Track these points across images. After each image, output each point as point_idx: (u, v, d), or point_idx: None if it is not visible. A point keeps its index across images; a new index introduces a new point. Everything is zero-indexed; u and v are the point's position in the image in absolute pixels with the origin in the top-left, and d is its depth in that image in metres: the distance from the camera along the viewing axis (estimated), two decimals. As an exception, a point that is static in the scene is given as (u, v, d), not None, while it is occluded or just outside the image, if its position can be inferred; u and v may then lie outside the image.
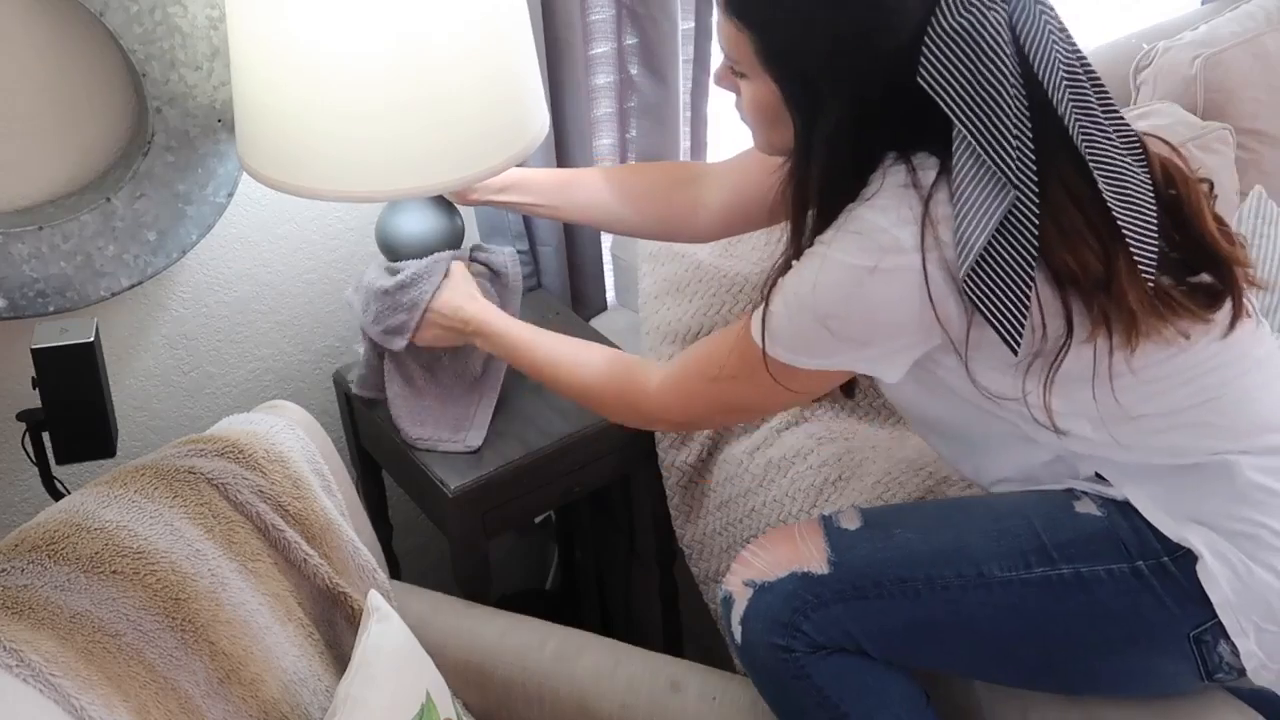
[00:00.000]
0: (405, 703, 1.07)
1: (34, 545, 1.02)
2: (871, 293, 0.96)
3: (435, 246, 1.36)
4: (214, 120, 1.32)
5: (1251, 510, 1.01)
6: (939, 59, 0.92)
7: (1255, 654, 1.00)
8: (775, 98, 1.01)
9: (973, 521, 1.10)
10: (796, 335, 1.02)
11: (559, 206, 1.40)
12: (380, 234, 1.37)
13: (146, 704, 0.97)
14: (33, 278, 1.28)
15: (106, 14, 1.21)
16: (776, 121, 1.03)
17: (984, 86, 0.92)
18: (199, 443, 1.17)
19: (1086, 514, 1.05)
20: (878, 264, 0.95)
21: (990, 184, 0.93)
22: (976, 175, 0.93)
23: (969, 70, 0.92)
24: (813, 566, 1.09)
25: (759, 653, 1.09)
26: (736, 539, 1.41)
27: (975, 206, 0.93)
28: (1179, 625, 1.02)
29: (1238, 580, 0.99)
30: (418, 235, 1.35)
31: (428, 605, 1.34)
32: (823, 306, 0.99)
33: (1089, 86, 0.97)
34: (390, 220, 1.36)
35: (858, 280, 0.96)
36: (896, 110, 0.96)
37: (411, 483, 1.47)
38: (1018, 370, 0.99)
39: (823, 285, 0.98)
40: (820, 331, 1.00)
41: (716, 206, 1.34)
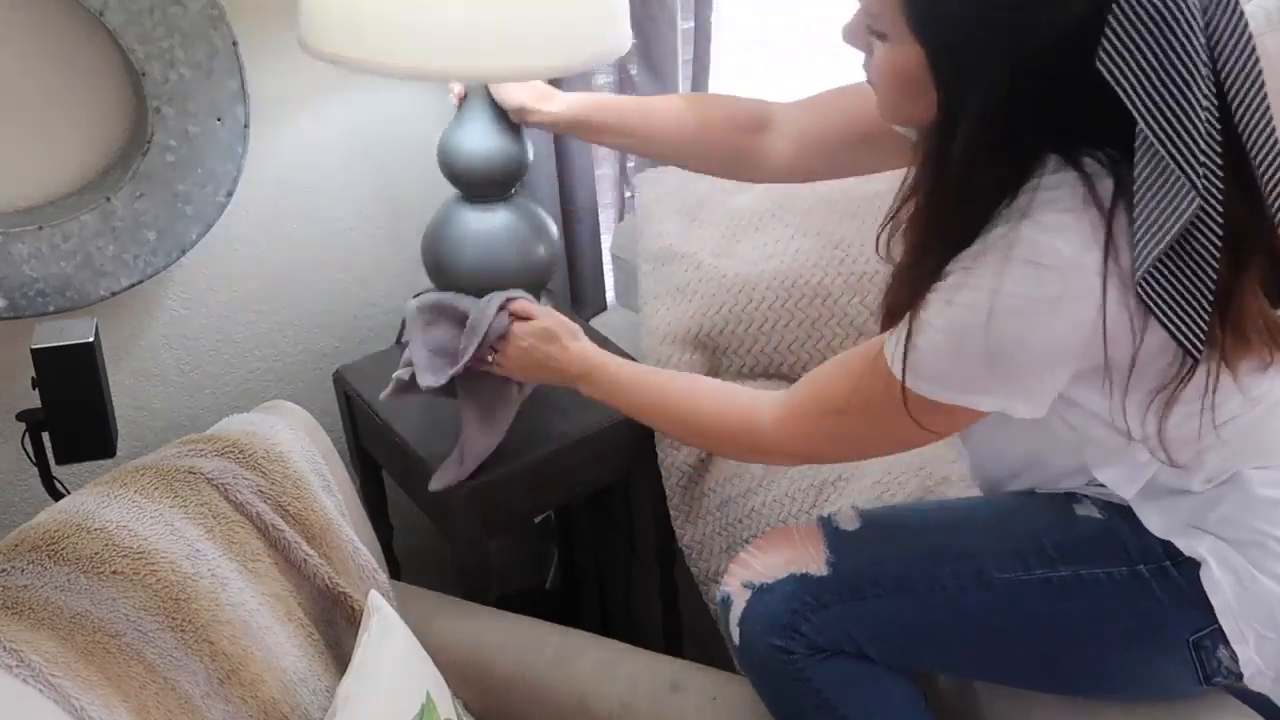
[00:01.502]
0: (405, 703, 1.07)
1: (34, 545, 1.02)
2: (1052, 325, 0.87)
3: (497, 170, 1.30)
4: (213, 120, 1.32)
5: (1259, 521, 1.00)
6: (1124, 42, 0.80)
7: (1254, 660, 1.00)
8: (919, 66, 0.88)
9: (972, 522, 1.10)
10: (951, 372, 0.91)
11: (632, 135, 1.32)
12: (442, 153, 1.31)
13: (146, 704, 0.97)
14: (33, 278, 1.28)
15: (106, 14, 1.21)
16: (916, 92, 0.90)
17: (1174, 80, 0.80)
18: (199, 443, 1.17)
19: (1087, 516, 1.05)
20: (1064, 293, 0.85)
21: (1175, 190, 0.82)
22: (1159, 181, 0.82)
23: (1156, 58, 0.80)
24: (811, 568, 1.08)
25: (758, 654, 1.09)
26: (736, 539, 1.40)
27: (1156, 211, 0.83)
28: (1178, 629, 1.01)
29: (1241, 587, 0.99)
30: (481, 155, 1.29)
31: (428, 605, 1.34)
32: (994, 344, 0.88)
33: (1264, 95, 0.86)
34: (454, 138, 1.30)
35: (1039, 313, 0.86)
36: (1061, 97, 0.84)
37: (411, 482, 1.47)
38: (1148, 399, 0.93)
39: (998, 322, 0.87)
40: (981, 369, 0.90)
41: (784, 153, 1.26)
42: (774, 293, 1.47)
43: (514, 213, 1.34)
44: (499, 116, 1.30)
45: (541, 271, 1.36)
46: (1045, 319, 0.86)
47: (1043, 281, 0.85)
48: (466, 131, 1.30)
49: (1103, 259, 0.84)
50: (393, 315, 1.69)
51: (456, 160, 1.30)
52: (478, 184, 1.32)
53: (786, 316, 1.47)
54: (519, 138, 1.32)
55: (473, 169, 1.30)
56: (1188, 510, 1.02)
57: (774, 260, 1.49)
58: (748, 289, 1.48)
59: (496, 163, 1.30)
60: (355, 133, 1.54)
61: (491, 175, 1.30)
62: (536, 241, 1.35)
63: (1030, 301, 0.86)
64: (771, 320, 1.47)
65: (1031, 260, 0.85)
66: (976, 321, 0.87)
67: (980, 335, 0.88)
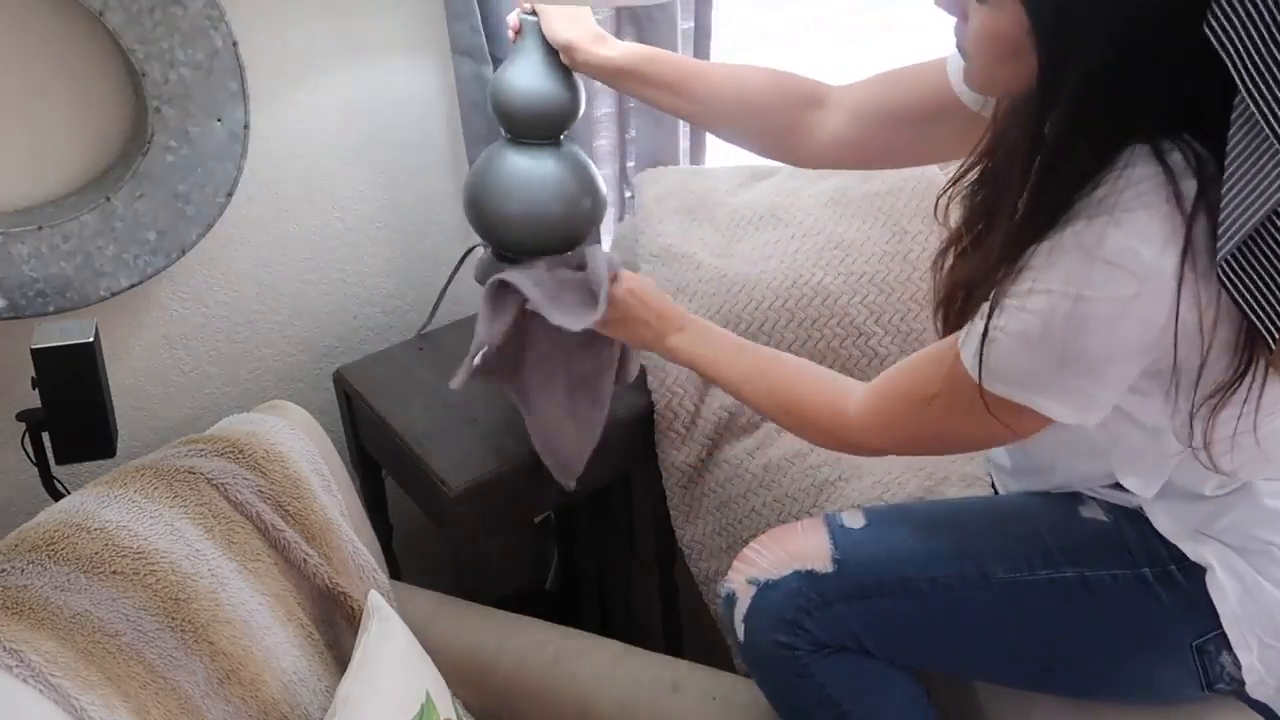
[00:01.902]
0: (405, 703, 1.07)
1: (34, 545, 1.02)
2: (1123, 327, 0.85)
3: (549, 112, 1.27)
4: (214, 120, 1.32)
5: (1266, 531, 1.00)
6: (1236, 8, 0.77)
7: (1256, 668, 1.00)
8: (1020, 30, 0.84)
9: (977, 523, 1.10)
10: (1027, 373, 0.90)
11: (684, 93, 1.25)
12: (494, 93, 1.29)
13: (146, 704, 0.97)
14: (32, 278, 1.28)
15: (106, 13, 1.21)
16: (1012, 58, 0.86)
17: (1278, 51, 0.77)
18: (199, 443, 1.17)
19: (1092, 518, 1.05)
20: (1138, 293, 0.83)
21: (1270, 166, 0.79)
22: (1255, 156, 0.79)
23: (1265, 28, 0.77)
24: (816, 565, 1.08)
25: (762, 651, 1.09)
26: (736, 539, 1.40)
27: (1247, 189, 0.80)
28: (1182, 634, 1.01)
29: (1246, 594, 0.99)
30: (528, 92, 1.26)
31: (428, 605, 1.34)
32: (1069, 346, 0.87)
33: None
34: (504, 75, 1.28)
35: (1112, 315, 0.84)
36: (1164, 70, 0.81)
37: (411, 483, 1.47)
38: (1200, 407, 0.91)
39: (1073, 324, 0.86)
40: (1055, 370, 0.89)
41: (838, 129, 1.22)
42: (774, 293, 1.47)
43: (562, 160, 1.31)
44: (551, 57, 1.27)
45: (585, 222, 1.33)
46: (1118, 321, 0.85)
47: (1118, 283, 0.83)
48: (517, 69, 1.27)
49: (1179, 262, 0.82)
50: (392, 315, 1.69)
51: (504, 97, 1.28)
52: (524, 123, 1.28)
53: (787, 316, 1.47)
54: (570, 81, 1.29)
55: (520, 107, 1.27)
56: (1197, 516, 1.02)
57: (774, 260, 1.49)
58: (748, 289, 1.48)
59: (543, 102, 1.27)
60: (355, 133, 1.54)
61: (539, 115, 1.27)
62: (582, 192, 1.32)
63: (1104, 304, 0.84)
64: (771, 320, 1.47)
65: (1109, 262, 0.83)
66: (1052, 324, 0.86)
67: (1055, 337, 0.86)
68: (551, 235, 1.30)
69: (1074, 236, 0.85)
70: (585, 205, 1.31)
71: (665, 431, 1.45)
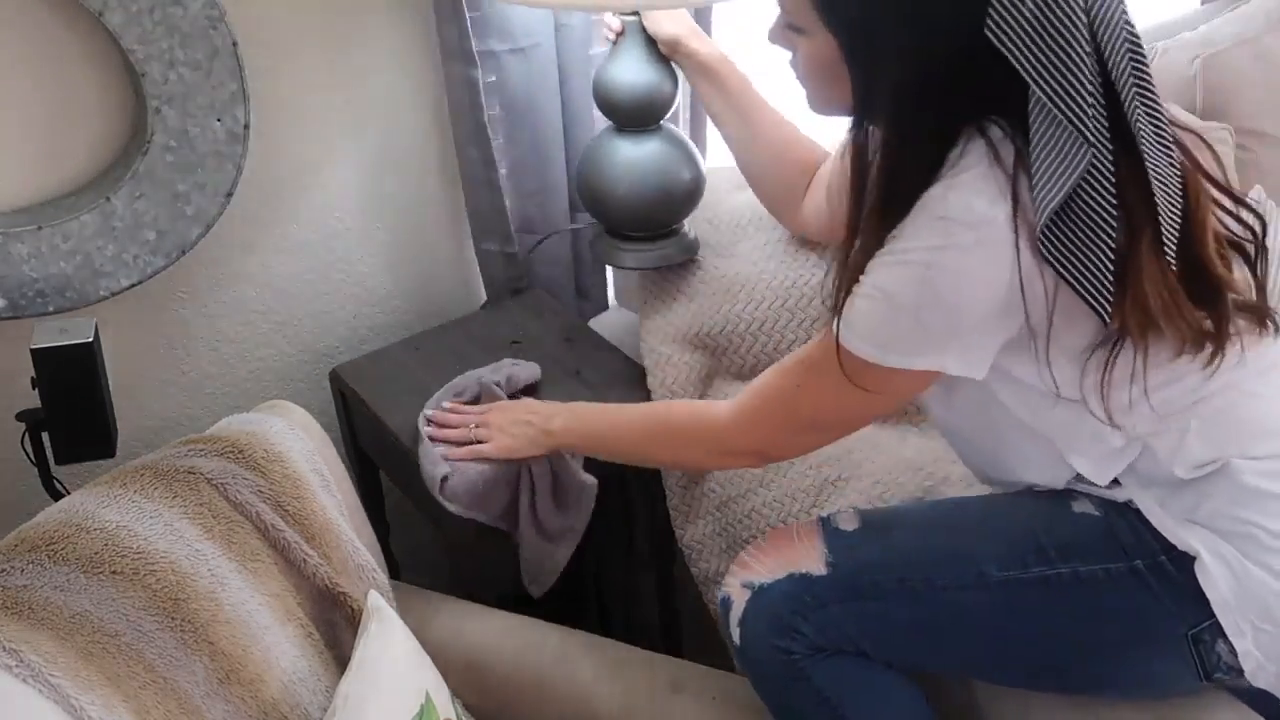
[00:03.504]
0: (405, 703, 1.07)
1: (34, 545, 1.02)
2: (967, 273, 0.92)
3: (653, 101, 1.41)
4: (213, 120, 1.32)
5: (1249, 512, 1.01)
6: (1007, 9, 0.87)
7: (1253, 654, 1.00)
8: (834, 53, 0.97)
9: (970, 522, 1.10)
10: (883, 329, 0.97)
11: (741, 107, 1.40)
12: (599, 85, 1.43)
13: (146, 704, 0.97)
14: (32, 278, 1.28)
15: (106, 14, 1.21)
16: (835, 79, 0.98)
17: (1056, 42, 0.88)
18: (199, 443, 1.17)
19: (1084, 514, 1.05)
20: (974, 240, 0.91)
21: (1069, 146, 0.88)
22: (1054, 138, 0.89)
23: (1040, 24, 0.87)
24: (811, 568, 1.08)
25: (758, 654, 1.09)
26: (736, 540, 1.40)
27: (1053, 167, 0.89)
28: (1176, 625, 1.02)
29: (1235, 580, 0.99)
30: (635, 85, 1.40)
31: (427, 605, 1.34)
32: (913, 298, 0.94)
33: (1146, 68, 0.93)
34: (610, 71, 1.41)
35: (955, 266, 0.92)
36: (965, 70, 0.91)
37: (410, 483, 1.47)
38: (1080, 362, 0.98)
39: (914, 278, 0.94)
40: (909, 329, 0.96)
41: (812, 208, 1.36)
42: (774, 292, 1.47)
43: (663, 141, 1.46)
44: (652, 50, 1.40)
45: (687, 195, 1.49)
46: (962, 272, 0.92)
47: (954, 234, 0.91)
48: (622, 64, 1.41)
49: (1011, 214, 0.90)
50: (392, 315, 1.69)
51: (613, 91, 1.42)
52: (631, 113, 1.43)
53: (787, 316, 1.47)
54: (669, 70, 1.42)
55: (627, 99, 1.41)
56: (1180, 502, 1.02)
57: (774, 260, 1.50)
58: (748, 289, 1.48)
59: (649, 92, 1.41)
60: (355, 133, 1.54)
61: (643, 105, 1.42)
62: (683, 168, 1.47)
63: (944, 254, 0.92)
64: (771, 320, 1.47)
65: (943, 216, 0.92)
66: (899, 279, 0.94)
67: (904, 292, 0.94)
68: (656, 210, 1.47)
69: (918, 207, 0.94)
70: (685, 178, 1.47)
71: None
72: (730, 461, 1.22)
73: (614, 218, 1.50)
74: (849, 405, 1.03)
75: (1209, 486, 1.02)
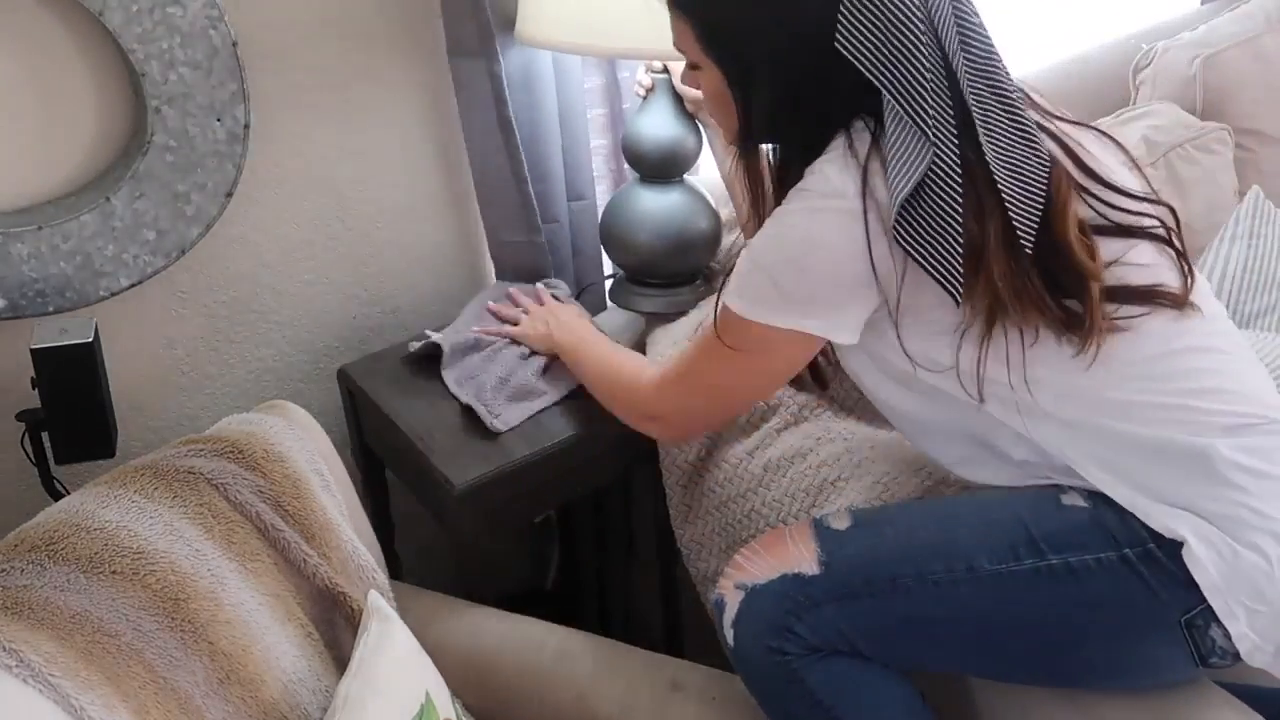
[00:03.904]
0: (405, 703, 1.07)
1: (34, 545, 1.02)
2: (815, 235, 1.02)
3: (679, 155, 1.51)
4: (213, 119, 1.32)
5: (1230, 491, 1.01)
6: (853, 23, 0.98)
7: (1247, 635, 1.00)
8: (723, 83, 1.09)
9: (961, 517, 1.10)
10: (750, 289, 1.07)
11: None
12: (628, 139, 1.53)
13: (146, 704, 0.97)
14: (32, 278, 1.28)
15: (106, 14, 1.21)
16: (728, 107, 1.10)
17: (899, 49, 0.98)
18: (198, 443, 1.17)
19: (1073, 506, 1.06)
20: (822, 206, 1.01)
21: (915, 141, 0.98)
22: (903, 134, 0.98)
23: (883, 33, 0.98)
24: (803, 568, 1.09)
25: (752, 656, 1.09)
26: (735, 540, 1.40)
27: (903, 160, 0.98)
28: (1169, 611, 1.02)
29: (1223, 563, 0.99)
30: (661, 139, 1.49)
31: (428, 605, 1.34)
32: (771, 256, 1.05)
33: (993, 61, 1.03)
34: (640, 125, 1.51)
35: (803, 223, 1.03)
36: (826, 81, 1.02)
37: (415, 480, 1.47)
38: (951, 342, 1.04)
39: (772, 236, 1.05)
40: (769, 286, 1.05)
41: None
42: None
43: (684, 194, 1.55)
44: (679, 107, 1.50)
45: (705, 246, 1.58)
46: (811, 234, 1.02)
47: (808, 200, 1.02)
48: (650, 119, 1.51)
49: (860, 189, 0.99)
50: (391, 315, 1.69)
51: (639, 143, 1.51)
52: (657, 165, 1.52)
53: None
54: (694, 127, 1.52)
55: (652, 151, 1.51)
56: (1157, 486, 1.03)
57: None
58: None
59: (673, 147, 1.51)
60: (355, 132, 1.54)
61: (670, 159, 1.51)
62: (701, 220, 1.55)
63: (796, 215, 1.03)
64: (771, 320, 1.47)
65: (802, 188, 1.03)
66: (761, 240, 1.06)
67: (764, 251, 1.05)
68: (673, 259, 1.55)
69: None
70: (703, 227, 1.55)
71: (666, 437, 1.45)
72: (648, 426, 1.28)
73: (634, 265, 1.59)
74: (736, 368, 1.11)
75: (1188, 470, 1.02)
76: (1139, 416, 1.04)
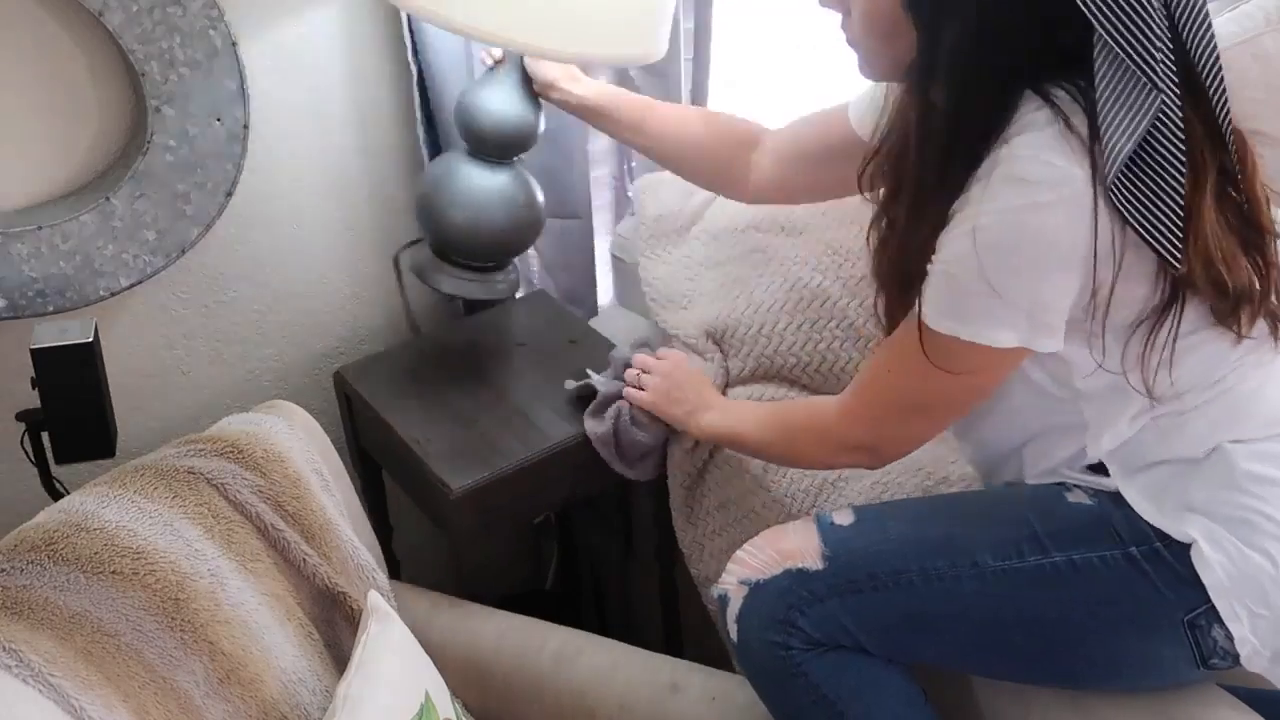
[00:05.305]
0: (405, 703, 1.07)
1: (34, 545, 1.02)
2: (1046, 234, 0.90)
3: (509, 131, 1.39)
4: (214, 120, 1.32)
5: (1246, 497, 1.01)
6: None
7: (1249, 639, 1.00)
8: (893, 7, 0.94)
9: (966, 513, 1.10)
10: (963, 301, 0.94)
11: (639, 132, 1.41)
12: (463, 109, 1.40)
13: (146, 704, 0.97)
14: (32, 278, 1.28)
15: (106, 13, 1.21)
16: (893, 36, 0.95)
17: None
18: (198, 443, 1.18)
19: (1078, 503, 1.06)
20: (1055, 200, 0.89)
21: (1136, 91, 0.87)
22: (1121, 84, 0.88)
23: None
24: (807, 562, 1.09)
25: (755, 651, 1.09)
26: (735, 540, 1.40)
27: (1122, 114, 0.88)
28: (1173, 610, 1.02)
29: (1231, 565, 0.99)
30: (503, 118, 1.38)
31: (427, 605, 1.34)
32: (996, 263, 0.91)
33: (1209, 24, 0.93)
34: (480, 98, 1.39)
35: (1033, 222, 0.90)
36: (1031, 18, 0.89)
37: (411, 483, 1.47)
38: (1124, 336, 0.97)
39: (994, 241, 0.90)
40: (989, 293, 0.92)
41: (766, 170, 1.35)
42: (773, 295, 1.47)
43: (514, 178, 1.43)
44: (526, 87, 1.39)
45: (525, 233, 1.47)
46: (1042, 233, 0.90)
47: (1033, 193, 0.89)
48: (494, 94, 1.38)
49: (1090, 175, 0.88)
50: (393, 315, 1.69)
51: (479, 118, 1.38)
52: (492, 145, 1.40)
53: (786, 319, 1.47)
54: (538, 110, 1.41)
55: (492, 129, 1.39)
56: (1175, 491, 1.02)
57: (773, 263, 1.50)
58: (747, 292, 1.48)
59: (515, 128, 1.39)
60: (356, 132, 1.54)
61: (508, 138, 1.40)
62: (527, 207, 1.44)
63: (1022, 215, 0.89)
64: (771, 322, 1.47)
65: (1020, 177, 0.89)
66: (977, 246, 0.91)
67: (982, 259, 0.91)
68: (492, 244, 1.44)
69: (983, 178, 0.91)
70: (526, 216, 1.45)
71: (680, 434, 1.45)
72: (845, 459, 1.16)
73: (446, 241, 1.45)
74: (941, 388, 1.01)
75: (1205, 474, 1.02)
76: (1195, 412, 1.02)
